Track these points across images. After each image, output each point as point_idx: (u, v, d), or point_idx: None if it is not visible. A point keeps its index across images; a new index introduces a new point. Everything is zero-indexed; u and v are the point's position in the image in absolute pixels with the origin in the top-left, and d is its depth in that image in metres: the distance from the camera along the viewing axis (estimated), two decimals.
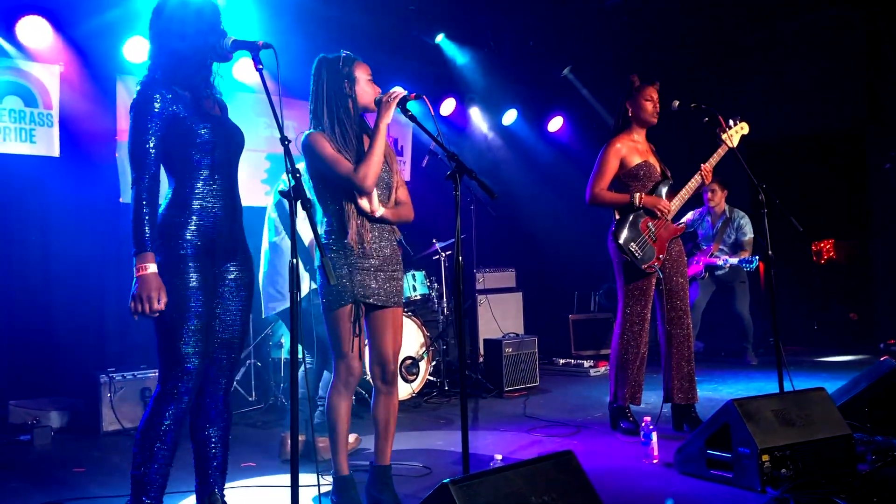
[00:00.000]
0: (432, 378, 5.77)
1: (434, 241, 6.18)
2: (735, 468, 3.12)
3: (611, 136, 4.29)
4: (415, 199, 3.20)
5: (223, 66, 2.72)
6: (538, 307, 7.65)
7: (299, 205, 2.23)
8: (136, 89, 2.54)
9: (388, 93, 2.95)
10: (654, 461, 3.57)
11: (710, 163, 4.24)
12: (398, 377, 3.48)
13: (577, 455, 2.45)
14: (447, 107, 7.63)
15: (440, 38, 7.25)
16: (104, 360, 5.24)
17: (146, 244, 2.43)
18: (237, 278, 2.72)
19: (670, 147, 4.74)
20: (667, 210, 4.16)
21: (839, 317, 7.79)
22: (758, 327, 7.03)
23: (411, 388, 5.41)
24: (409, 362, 5.41)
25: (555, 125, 8.51)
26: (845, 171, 7.76)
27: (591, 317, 7.60)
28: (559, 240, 8.18)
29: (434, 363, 5.77)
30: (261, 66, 2.43)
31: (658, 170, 4.26)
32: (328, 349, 3.18)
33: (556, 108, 8.48)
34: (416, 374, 5.45)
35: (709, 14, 7.16)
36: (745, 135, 4.38)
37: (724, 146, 4.23)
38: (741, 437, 3.08)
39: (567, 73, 8.10)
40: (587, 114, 8.40)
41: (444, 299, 6.16)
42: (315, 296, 3.74)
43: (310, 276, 3.94)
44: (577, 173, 6.49)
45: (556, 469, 2.37)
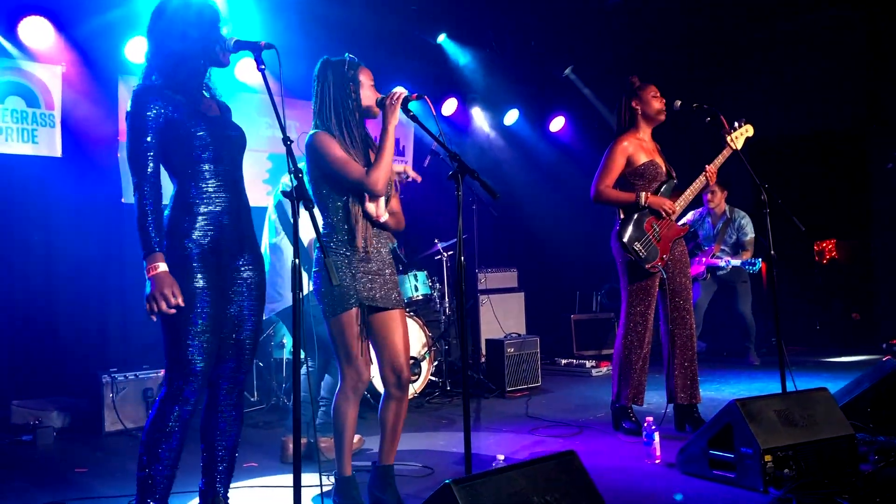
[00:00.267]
0: (434, 378, 5.77)
1: (436, 241, 6.18)
2: (738, 468, 3.12)
3: (616, 134, 4.27)
4: (416, 199, 3.22)
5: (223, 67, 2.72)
6: (540, 307, 7.64)
7: (301, 205, 2.23)
8: (130, 99, 2.54)
9: (391, 93, 2.95)
10: (657, 461, 3.57)
11: (715, 164, 4.21)
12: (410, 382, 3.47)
13: (579, 455, 2.46)
14: (449, 107, 7.64)
15: (442, 38, 7.26)
16: (106, 361, 5.24)
17: (154, 245, 2.43)
18: (248, 278, 2.71)
19: (672, 147, 4.73)
20: (672, 210, 4.15)
21: (841, 317, 7.77)
22: (760, 327, 7.02)
23: (413, 389, 5.41)
24: (411, 362, 5.41)
25: (556, 125, 8.51)
26: (846, 171, 7.76)
27: (592, 317, 7.58)
28: (561, 240, 8.18)
29: (436, 363, 5.77)
30: (263, 67, 2.43)
31: (664, 169, 4.25)
32: (329, 349, 3.16)
33: (558, 108, 8.49)
34: (419, 374, 5.45)
35: (709, 14, 7.16)
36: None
37: (728, 148, 4.22)
38: (744, 438, 3.08)
39: (568, 73, 8.10)
40: (588, 114, 8.40)
41: (446, 299, 6.16)
42: (314, 297, 3.73)
43: (308, 277, 3.93)
44: (578, 173, 6.51)
45: (558, 469, 2.37)
